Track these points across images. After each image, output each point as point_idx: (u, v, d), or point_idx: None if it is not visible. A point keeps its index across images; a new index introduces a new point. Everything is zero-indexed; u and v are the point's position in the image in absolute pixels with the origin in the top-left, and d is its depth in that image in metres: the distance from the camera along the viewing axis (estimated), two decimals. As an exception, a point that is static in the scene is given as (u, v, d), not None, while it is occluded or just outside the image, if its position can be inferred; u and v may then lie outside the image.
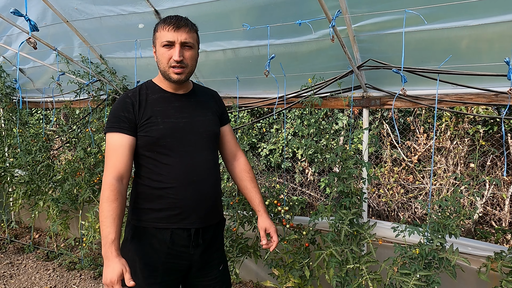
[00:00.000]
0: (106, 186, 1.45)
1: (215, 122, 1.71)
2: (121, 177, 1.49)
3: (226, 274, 1.80)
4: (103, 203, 1.44)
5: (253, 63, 2.59)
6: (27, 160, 3.57)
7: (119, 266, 1.36)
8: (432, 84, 2.18)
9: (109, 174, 1.48)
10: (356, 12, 1.97)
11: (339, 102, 2.54)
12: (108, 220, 1.41)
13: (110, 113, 1.56)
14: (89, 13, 2.57)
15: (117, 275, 1.34)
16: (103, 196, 1.45)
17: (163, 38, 1.51)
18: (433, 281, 1.84)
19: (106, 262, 1.38)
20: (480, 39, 1.93)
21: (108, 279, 1.35)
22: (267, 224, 1.73)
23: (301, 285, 2.40)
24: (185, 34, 1.52)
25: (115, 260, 1.37)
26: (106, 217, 1.42)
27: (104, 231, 1.40)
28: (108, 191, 1.45)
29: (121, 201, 1.47)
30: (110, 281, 1.34)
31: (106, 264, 1.37)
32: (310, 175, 4.85)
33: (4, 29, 3.08)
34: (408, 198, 4.20)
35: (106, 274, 1.35)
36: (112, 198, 1.44)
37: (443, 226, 1.90)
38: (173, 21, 1.51)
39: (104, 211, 1.43)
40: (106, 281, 1.35)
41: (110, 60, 3.11)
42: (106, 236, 1.39)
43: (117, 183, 1.47)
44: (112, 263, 1.36)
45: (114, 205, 1.44)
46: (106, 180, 1.47)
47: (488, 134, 3.86)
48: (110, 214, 1.42)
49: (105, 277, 1.36)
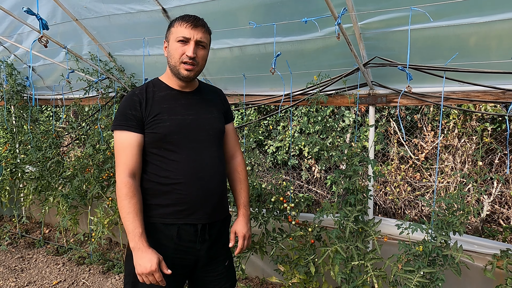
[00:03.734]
0: (123, 185, 1.51)
1: (220, 119, 1.73)
2: (134, 174, 1.55)
3: (231, 269, 1.83)
4: (123, 201, 1.50)
5: (260, 61, 2.60)
6: (38, 156, 3.63)
7: (155, 256, 1.46)
8: (439, 82, 2.18)
9: (122, 172, 1.52)
10: (362, 10, 1.97)
11: (345, 100, 2.54)
12: (130, 215, 1.48)
13: (117, 111, 1.59)
14: (98, 12, 2.60)
15: (156, 263, 1.44)
16: (121, 194, 1.50)
17: (180, 33, 1.54)
18: (437, 278, 1.85)
19: (140, 253, 1.46)
20: (488, 36, 1.92)
21: (147, 268, 1.44)
22: (238, 227, 1.80)
23: (306, 281, 2.42)
24: (201, 33, 1.56)
25: (149, 251, 1.46)
26: (128, 213, 1.48)
27: (129, 226, 1.47)
28: (125, 188, 1.50)
29: (139, 197, 1.54)
30: (151, 270, 1.44)
31: (140, 256, 1.45)
32: (316, 173, 4.85)
33: (15, 27, 3.13)
34: (415, 196, 4.19)
35: (144, 264, 1.44)
36: (130, 195, 1.50)
37: (447, 224, 1.90)
38: (191, 19, 1.55)
39: (125, 208, 1.49)
40: (146, 270, 1.44)
41: (119, 58, 3.14)
42: (133, 231, 1.47)
43: (132, 180, 1.53)
44: (147, 254, 1.45)
45: (133, 201, 1.50)
46: (121, 178, 1.52)
47: (497, 132, 3.83)
48: (132, 209, 1.49)
49: (144, 267, 1.44)
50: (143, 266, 1.45)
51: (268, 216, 2.59)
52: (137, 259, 1.46)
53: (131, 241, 1.47)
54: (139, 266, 1.46)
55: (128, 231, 1.48)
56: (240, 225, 1.80)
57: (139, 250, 1.46)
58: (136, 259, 1.47)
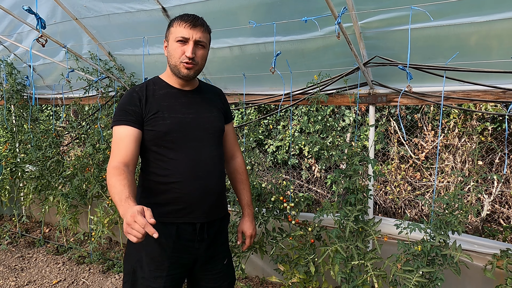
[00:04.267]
0: (110, 169, 1.42)
1: (220, 118, 1.73)
2: (126, 163, 1.45)
3: (230, 268, 1.83)
4: (110, 180, 1.38)
5: (260, 60, 2.60)
6: (38, 155, 3.63)
7: (138, 206, 1.21)
8: (439, 81, 2.17)
9: (113, 160, 1.46)
10: (362, 9, 1.97)
11: (345, 99, 2.54)
12: (117, 187, 1.34)
13: (117, 107, 1.59)
14: (98, 11, 2.60)
15: (138, 210, 1.19)
16: (108, 175, 1.40)
17: (178, 33, 1.54)
18: (436, 277, 1.84)
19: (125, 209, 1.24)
20: (489, 36, 1.92)
21: (129, 217, 1.18)
22: (244, 227, 1.83)
23: (306, 281, 2.42)
24: (200, 33, 1.55)
25: (134, 205, 1.25)
26: (115, 186, 1.34)
27: (117, 196, 1.31)
28: (113, 170, 1.40)
29: (128, 177, 1.39)
30: (131, 215, 1.18)
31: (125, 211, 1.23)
32: (316, 172, 4.85)
33: (15, 26, 3.13)
34: (415, 195, 4.19)
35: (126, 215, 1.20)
36: (117, 173, 1.38)
37: (446, 223, 1.90)
38: (190, 19, 1.54)
39: (111, 183, 1.36)
40: (128, 219, 1.18)
41: (119, 57, 3.14)
42: (119, 194, 1.30)
43: (122, 166, 1.43)
44: (131, 207, 1.23)
45: (120, 177, 1.37)
46: (110, 164, 1.45)
47: (497, 131, 3.82)
48: (119, 183, 1.35)
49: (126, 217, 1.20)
50: (127, 219, 1.19)
51: (268, 216, 2.59)
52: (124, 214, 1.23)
53: (119, 208, 1.27)
54: (125, 219, 1.21)
55: (115, 200, 1.30)
56: (246, 224, 1.84)
57: (126, 209, 1.24)
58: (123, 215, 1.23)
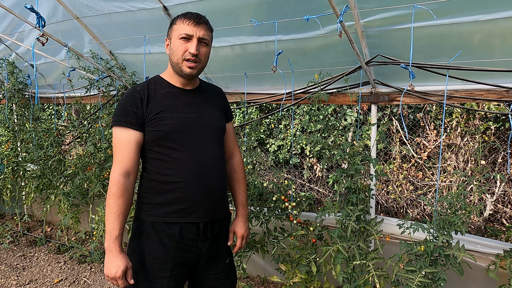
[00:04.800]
0: (113, 182, 1.50)
1: (221, 118, 1.72)
2: (128, 173, 1.53)
3: (232, 267, 1.82)
4: (110, 199, 1.50)
5: (261, 59, 2.59)
6: (39, 154, 3.63)
7: (123, 262, 1.47)
8: (442, 80, 2.16)
9: (116, 170, 1.52)
10: (365, 7, 1.96)
11: (347, 98, 2.52)
12: (113, 216, 1.48)
13: (117, 106, 1.58)
14: (99, 10, 2.60)
15: (122, 271, 1.46)
16: (109, 192, 1.50)
17: (182, 30, 1.53)
18: (439, 278, 1.83)
19: (110, 256, 1.47)
20: (492, 34, 1.90)
21: (112, 273, 1.45)
22: (237, 227, 1.82)
23: (307, 280, 2.41)
24: (204, 30, 1.55)
25: (119, 256, 1.47)
26: (111, 212, 1.48)
27: (109, 226, 1.48)
28: (114, 187, 1.50)
29: (127, 198, 1.52)
30: (114, 276, 1.45)
31: (110, 259, 1.47)
32: (318, 171, 4.84)
33: (16, 25, 3.13)
34: (417, 195, 4.17)
35: (111, 269, 1.46)
36: (118, 195, 1.49)
37: (449, 223, 1.89)
38: (193, 16, 1.54)
39: (110, 207, 1.49)
40: (110, 274, 1.46)
41: (120, 56, 3.14)
42: (110, 231, 1.47)
43: (124, 179, 1.51)
44: (116, 258, 1.46)
45: (119, 202, 1.49)
46: (113, 176, 1.51)
47: (500, 130, 3.80)
48: (115, 210, 1.48)
49: (109, 271, 1.46)
50: (109, 269, 1.46)
51: (270, 215, 2.58)
52: (106, 261, 1.48)
53: (106, 241, 1.48)
54: (106, 268, 1.47)
55: (106, 230, 1.48)
56: (238, 225, 1.82)
57: (110, 252, 1.47)
58: (106, 260, 1.48)
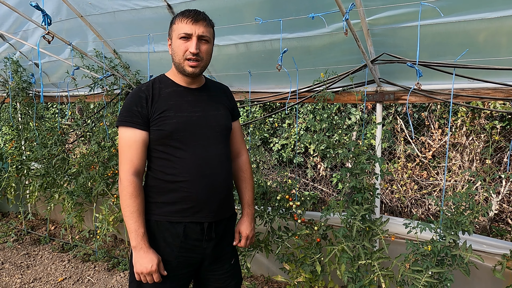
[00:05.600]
0: (128, 183, 1.51)
1: (227, 116, 1.71)
2: (139, 172, 1.55)
3: (237, 267, 1.81)
4: (127, 199, 1.51)
5: (266, 57, 2.58)
6: (43, 153, 3.64)
7: (156, 256, 1.50)
8: (448, 79, 2.14)
9: (128, 170, 1.53)
10: (370, 5, 1.94)
11: (352, 97, 2.51)
12: (134, 215, 1.50)
13: (123, 106, 1.57)
14: (103, 8, 2.59)
15: (156, 264, 1.49)
16: (126, 193, 1.51)
17: (181, 30, 1.52)
18: (446, 278, 1.82)
19: (141, 253, 1.49)
20: (499, 32, 1.88)
21: (148, 268, 1.48)
22: (242, 227, 1.81)
23: (312, 280, 2.40)
24: (203, 27, 1.52)
25: (150, 251, 1.50)
26: (132, 212, 1.51)
27: (133, 226, 1.50)
28: (131, 187, 1.51)
29: (142, 196, 1.56)
30: (151, 270, 1.48)
31: (142, 255, 1.49)
32: (322, 170, 4.82)
33: (20, 24, 3.13)
34: (421, 194, 4.15)
35: (145, 264, 1.48)
36: (135, 194, 1.52)
37: (456, 223, 1.87)
38: (191, 14, 1.52)
39: (130, 207, 1.51)
40: (146, 270, 1.48)
41: (124, 55, 3.13)
42: (136, 230, 1.50)
43: (137, 179, 1.54)
44: (147, 254, 1.49)
45: (138, 201, 1.52)
46: (126, 176, 1.52)
47: (506, 130, 3.77)
48: (136, 209, 1.51)
49: (144, 267, 1.48)
50: (144, 266, 1.48)
51: (274, 214, 2.57)
52: (138, 258, 1.49)
53: (133, 240, 1.50)
54: (139, 265, 1.49)
55: (130, 230, 1.50)
56: (244, 225, 1.81)
57: (141, 249, 1.49)
58: (137, 258, 1.50)
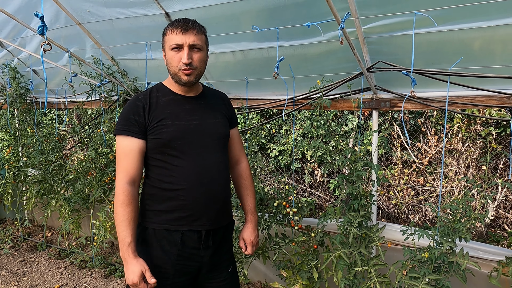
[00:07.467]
0: (120, 191, 1.51)
1: (225, 124, 1.72)
2: (134, 181, 1.55)
3: (235, 275, 1.81)
4: (118, 207, 1.50)
5: (263, 65, 2.60)
6: (41, 159, 3.63)
7: (138, 267, 1.46)
8: (443, 86, 2.16)
9: (122, 178, 1.53)
10: (366, 14, 1.97)
11: (348, 104, 2.53)
12: (123, 223, 1.49)
13: (120, 115, 1.58)
14: (101, 16, 2.61)
15: (138, 276, 1.45)
16: (117, 201, 1.51)
17: (172, 41, 1.53)
18: (443, 285, 1.82)
19: (125, 264, 1.48)
20: (493, 41, 1.91)
21: (130, 280, 1.46)
22: (246, 234, 1.81)
23: (309, 287, 2.40)
24: (193, 36, 1.53)
25: (133, 262, 1.47)
26: (122, 221, 1.50)
27: (121, 235, 1.49)
28: (122, 195, 1.51)
29: (135, 205, 1.54)
30: (133, 282, 1.45)
31: (126, 267, 1.48)
32: (319, 177, 4.83)
33: (18, 31, 3.14)
34: (418, 200, 4.16)
35: (128, 276, 1.46)
36: (126, 203, 1.51)
37: (453, 230, 1.88)
38: (180, 24, 1.53)
39: (120, 215, 1.50)
40: (129, 282, 1.47)
41: (122, 62, 3.15)
42: (123, 239, 1.48)
43: (130, 187, 1.53)
44: (131, 265, 1.47)
45: (128, 209, 1.51)
46: (120, 185, 1.52)
47: (501, 136, 3.80)
48: (126, 218, 1.50)
49: (128, 279, 1.47)
50: (127, 277, 1.47)
51: (271, 221, 2.57)
52: (125, 270, 1.49)
53: (120, 250, 1.50)
54: (126, 276, 1.49)
55: (119, 238, 1.50)
56: (248, 231, 1.81)
57: (125, 260, 1.49)
58: (125, 268, 1.50)
